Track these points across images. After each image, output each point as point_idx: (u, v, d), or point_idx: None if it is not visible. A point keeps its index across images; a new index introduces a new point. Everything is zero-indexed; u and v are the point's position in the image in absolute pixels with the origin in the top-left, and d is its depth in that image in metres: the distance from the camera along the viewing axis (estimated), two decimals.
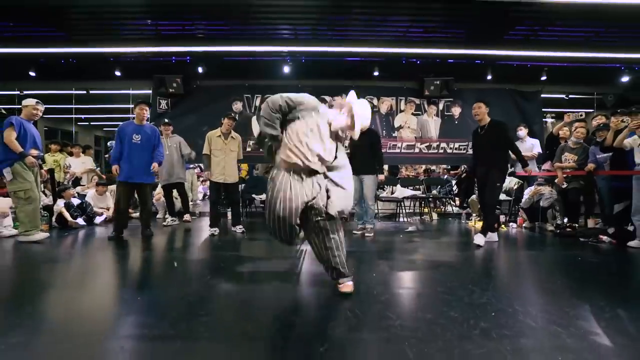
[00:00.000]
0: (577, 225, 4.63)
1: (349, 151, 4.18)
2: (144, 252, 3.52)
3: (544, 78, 6.17)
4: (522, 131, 5.35)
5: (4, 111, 7.18)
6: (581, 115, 4.83)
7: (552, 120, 6.98)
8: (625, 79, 6.31)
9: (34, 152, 3.77)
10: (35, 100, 3.88)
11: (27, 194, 3.68)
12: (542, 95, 6.52)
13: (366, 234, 4.19)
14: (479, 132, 3.87)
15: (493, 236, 3.89)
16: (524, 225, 5.13)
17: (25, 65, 5.96)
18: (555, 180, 4.67)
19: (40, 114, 3.92)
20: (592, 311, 1.97)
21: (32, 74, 6.11)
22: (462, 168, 7.41)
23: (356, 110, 2.09)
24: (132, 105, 7.75)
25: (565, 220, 4.79)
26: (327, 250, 2.13)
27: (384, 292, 2.25)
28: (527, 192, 5.01)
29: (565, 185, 4.58)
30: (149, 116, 4.18)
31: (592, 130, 4.61)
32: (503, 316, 1.86)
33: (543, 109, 6.64)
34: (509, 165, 4.31)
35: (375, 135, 4.35)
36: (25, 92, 6.71)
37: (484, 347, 1.54)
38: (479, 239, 3.69)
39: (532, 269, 3.03)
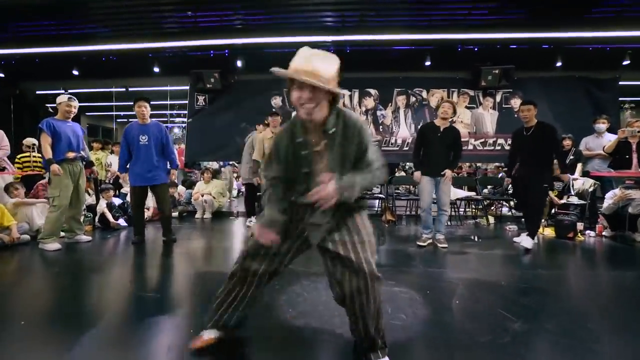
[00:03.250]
0: None
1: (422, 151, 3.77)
2: (177, 265, 3.30)
3: (626, 62, 5.34)
4: (603, 124, 4.65)
5: (50, 109, 7.32)
6: (638, 132, 4.25)
7: (631, 111, 6.11)
8: None
9: (70, 154, 3.57)
10: (68, 96, 3.68)
11: (54, 201, 3.53)
12: (620, 83, 5.69)
13: (440, 245, 3.68)
14: (525, 134, 3.76)
15: (528, 241, 3.66)
16: (603, 233, 4.46)
17: (68, 64, 5.97)
18: None
19: (75, 111, 3.69)
20: None
21: (75, 72, 6.12)
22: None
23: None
24: (169, 102, 7.80)
25: None
26: None
27: (484, 330, 1.83)
28: (610, 196, 4.33)
29: None
30: (150, 113, 3.81)
31: None
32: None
33: (620, 98, 5.81)
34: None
35: (455, 134, 3.72)
36: (69, 91, 6.81)
37: None
38: (527, 242, 3.61)
39: None
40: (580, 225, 4.35)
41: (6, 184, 4.24)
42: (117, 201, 5.02)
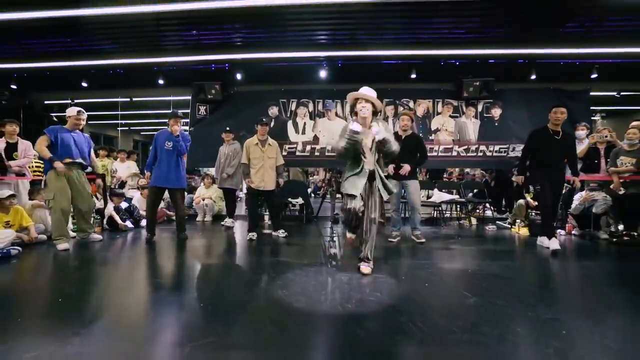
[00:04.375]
0: (636, 233, 4.34)
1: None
2: (189, 257, 3.65)
3: (594, 76, 5.82)
4: (582, 131, 5.08)
5: (55, 118, 7.69)
6: (606, 137, 4.75)
7: (601, 120, 6.57)
8: None
9: (66, 160, 3.76)
10: (77, 109, 3.93)
11: (49, 204, 3.77)
12: (591, 94, 6.15)
13: (418, 240, 4.11)
14: (555, 137, 3.85)
15: (546, 241, 3.84)
16: (572, 232, 4.87)
17: (77, 77, 6.36)
18: (611, 186, 4.39)
19: (84, 122, 4.00)
20: None
21: (84, 84, 6.51)
22: (492, 173, 7.13)
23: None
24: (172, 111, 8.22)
25: (621, 227, 4.51)
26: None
27: (441, 303, 2.22)
28: (578, 198, 4.75)
29: (622, 191, 4.30)
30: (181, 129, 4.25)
31: None
32: (576, 335, 1.78)
33: (592, 107, 6.27)
34: None
35: (417, 139, 4.31)
36: (75, 101, 7.19)
37: None
38: (554, 244, 3.68)
39: (594, 281, 2.86)
40: None
41: (31, 188, 4.60)
42: (123, 205, 5.37)
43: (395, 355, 1.59)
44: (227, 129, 5.42)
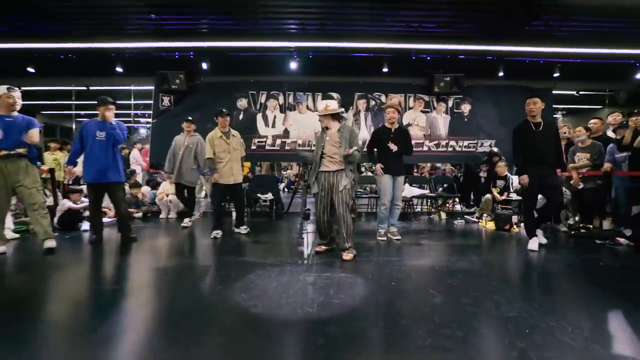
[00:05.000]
0: (591, 226, 4.53)
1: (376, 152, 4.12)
2: (140, 259, 3.40)
3: (556, 75, 6.01)
4: None
5: None
6: (565, 134, 4.88)
7: (562, 117, 6.82)
8: (639, 75, 6.16)
9: None
10: (6, 86, 3.31)
11: None
12: (553, 92, 6.36)
13: (394, 238, 3.99)
14: (534, 129, 3.56)
15: (541, 238, 3.73)
16: None
17: (23, 61, 5.79)
18: (571, 182, 4.54)
19: (19, 101, 3.37)
20: (631, 325, 1.87)
21: (30, 70, 5.95)
22: (461, 169, 7.30)
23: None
24: (132, 102, 7.70)
25: (577, 218, 4.70)
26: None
27: (407, 304, 2.15)
28: None
29: (581, 186, 4.46)
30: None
31: (613, 128, 4.46)
32: (538, 333, 1.76)
33: (553, 106, 6.49)
34: None
35: (405, 132, 4.21)
36: (23, 88, 6.55)
37: None
38: (532, 244, 3.58)
39: (554, 275, 2.91)
40: (515, 219, 4.87)
41: None
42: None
43: None
44: (189, 118, 5.03)
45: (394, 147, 3.93)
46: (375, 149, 4.15)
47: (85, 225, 4.66)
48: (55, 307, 2.18)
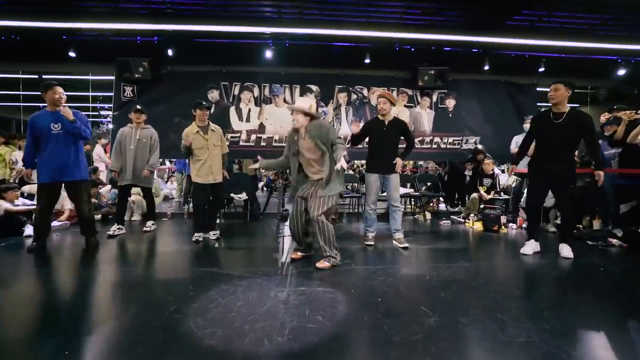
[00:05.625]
0: (581, 226, 4.36)
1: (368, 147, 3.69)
2: (96, 272, 2.90)
3: (541, 70, 5.85)
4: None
5: None
6: None
7: None
8: (621, 71, 6.10)
9: None
10: None
11: None
12: (537, 89, 6.23)
13: (400, 246, 3.51)
14: (554, 121, 3.11)
15: (536, 246, 3.37)
16: (523, 225, 4.81)
17: None
18: None
19: None
20: None
21: None
22: (446, 168, 7.10)
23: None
24: (91, 94, 7.00)
25: None
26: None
27: (397, 328, 1.77)
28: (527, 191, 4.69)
29: None
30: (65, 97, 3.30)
31: (601, 125, 4.29)
32: None
33: (537, 103, 6.36)
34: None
35: (401, 124, 3.67)
36: None
37: None
38: (566, 252, 3.17)
39: (555, 284, 2.63)
40: (503, 219, 4.65)
41: None
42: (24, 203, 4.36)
43: None
44: (138, 107, 4.28)
45: (399, 165, 3.49)
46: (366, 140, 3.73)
47: (29, 230, 4.08)
48: None
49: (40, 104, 3.56)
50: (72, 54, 5.23)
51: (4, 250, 3.37)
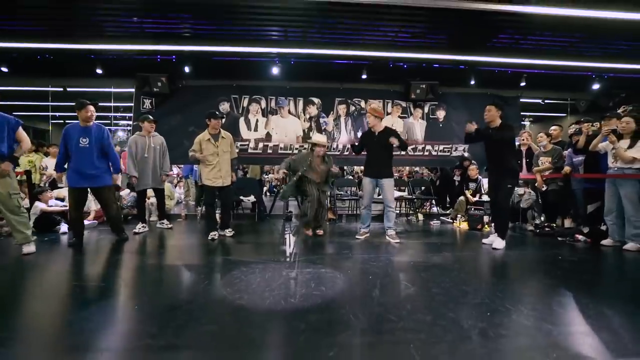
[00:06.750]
0: (554, 225, 4.88)
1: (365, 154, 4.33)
2: (133, 259, 3.42)
3: (523, 84, 6.43)
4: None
5: None
6: (523, 140, 5.20)
7: (529, 124, 7.28)
8: (595, 86, 6.68)
9: None
10: None
11: None
12: (521, 100, 6.80)
13: (393, 241, 4.03)
14: (489, 133, 3.78)
15: (499, 242, 3.82)
16: None
17: None
18: (536, 184, 4.89)
19: None
20: (578, 309, 2.10)
21: (3, 69, 5.80)
22: (438, 173, 7.63)
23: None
24: (112, 104, 7.58)
25: (543, 218, 5.05)
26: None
27: (382, 294, 2.31)
28: None
29: (545, 188, 4.81)
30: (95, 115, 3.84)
31: (570, 134, 4.86)
32: (498, 316, 1.96)
33: (521, 113, 6.93)
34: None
35: (390, 132, 4.14)
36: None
37: (485, 346, 1.62)
38: (498, 243, 3.75)
39: (517, 268, 3.17)
40: (486, 219, 5.18)
41: None
42: (56, 204, 4.90)
43: (335, 346, 1.63)
44: (150, 117, 4.73)
45: (394, 142, 3.90)
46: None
47: (64, 228, 4.61)
48: (41, 303, 2.20)
49: (55, 113, 3.96)
50: (99, 71, 5.82)
51: (47, 244, 3.90)
